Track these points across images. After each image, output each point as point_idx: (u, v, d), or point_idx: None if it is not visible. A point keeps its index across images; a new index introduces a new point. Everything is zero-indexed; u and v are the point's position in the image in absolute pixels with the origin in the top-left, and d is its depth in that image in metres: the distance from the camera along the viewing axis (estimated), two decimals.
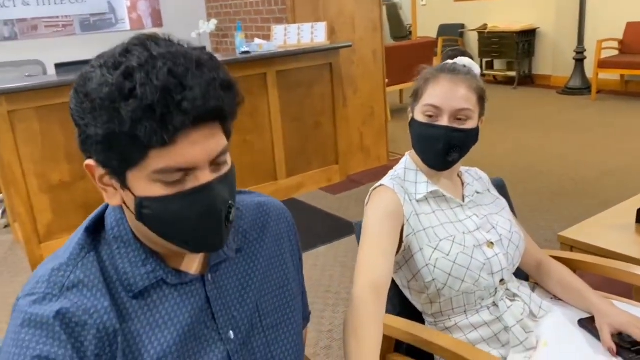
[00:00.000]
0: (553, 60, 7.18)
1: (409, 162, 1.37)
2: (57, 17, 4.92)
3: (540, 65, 7.37)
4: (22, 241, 3.15)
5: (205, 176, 0.73)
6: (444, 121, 1.26)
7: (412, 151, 1.38)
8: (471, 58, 1.35)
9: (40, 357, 0.71)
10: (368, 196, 1.34)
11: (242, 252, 0.91)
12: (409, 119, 1.35)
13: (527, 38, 7.19)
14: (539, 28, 7.23)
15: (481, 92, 1.30)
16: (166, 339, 0.79)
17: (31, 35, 4.81)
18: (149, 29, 5.25)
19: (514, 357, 1.24)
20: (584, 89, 6.53)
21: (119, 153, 0.70)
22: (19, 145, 2.98)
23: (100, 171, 0.75)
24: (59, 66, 3.31)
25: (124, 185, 0.74)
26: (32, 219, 3.08)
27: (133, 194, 0.73)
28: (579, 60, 6.54)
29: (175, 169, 0.71)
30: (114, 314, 0.76)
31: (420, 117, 1.30)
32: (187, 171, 0.72)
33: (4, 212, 3.86)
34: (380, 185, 1.33)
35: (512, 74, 7.35)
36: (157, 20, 5.40)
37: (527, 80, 7.42)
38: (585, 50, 6.47)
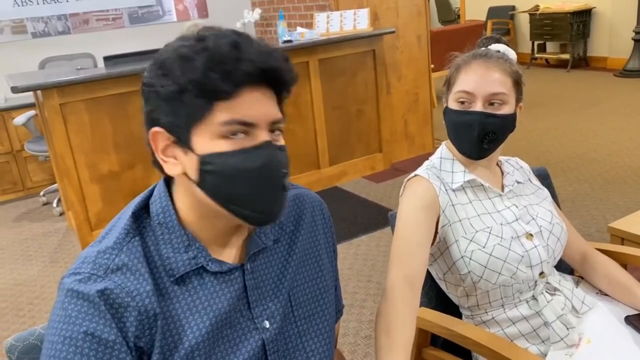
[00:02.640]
0: (610, 41, 6.84)
1: (445, 152, 1.34)
2: (107, 10, 5.05)
3: (596, 47, 7.04)
4: (75, 229, 3.29)
5: (264, 135, 0.78)
6: (477, 107, 1.21)
7: (449, 141, 1.34)
8: (507, 45, 1.30)
9: (86, 333, 0.74)
10: (403, 186, 1.32)
11: (279, 243, 0.92)
12: (443, 108, 1.32)
13: (582, 18, 6.87)
14: (594, 8, 6.90)
15: (517, 76, 1.24)
16: (204, 324, 0.80)
17: (83, 29, 4.96)
18: (195, 20, 5.33)
19: (554, 354, 1.19)
20: None
21: (188, 108, 0.76)
22: (70, 137, 3.09)
23: (164, 141, 0.80)
24: (107, 59, 3.40)
25: (188, 146, 0.78)
26: (84, 207, 3.20)
27: (196, 153, 0.77)
28: (638, 41, 6.21)
29: (238, 122, 0.76)
30: (155, 298, 0.78)
31: (453, 104, 1.26)
32: (249, 127, 0.77)
33: (59, 200, 4.03)
34: (415, 175, 1.31)
35: (566, 56, 7.07)
36: (203, 11, 5.46)
37: (582, 62, 7.11)
38: None
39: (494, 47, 1.28)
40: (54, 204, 4.05)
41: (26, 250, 3.48)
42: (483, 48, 1.28)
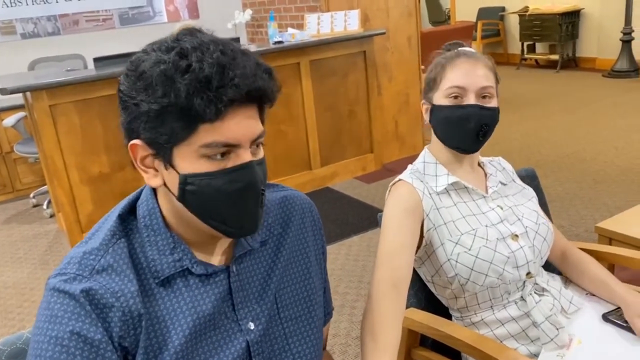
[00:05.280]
0: (598, 42, 6.90)
1: (428, 156, 1.35)
2: (98, 11, 5.02)
3: (585, 48, 7.10)
4: (66, 230, 3.27)
5: (247, 155, 0.77)
6: (470, 100, 1.23)
7: (431, 145, 1.36)
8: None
9: (72, 332, 0.74)
10: (388, 191, 1.33)
11: (266, 245, 0.92)
12: (425, 110, 1.33)
13: (571, 19, 6.93)
14: (583, 9, 6.96)
15: (496, 73, 1.29)
16: (188, 326, 0.81)
17: (73, 30, 4.93)
18: (186, 21, 5.31)
19: (546, 355, 1.20)
20: (632, 71, 6.27)
21: (170, 127, 0.74)
22: (60, 139, 3.07)
23: (143, 152, 0.79)
24: (97, 60, 3.38)
25: (169, 163, 0.77)
26: (74, 209, 3.19)
27: (177, 171, 0.77)
28: (627, 42, 6.27)
29: (222, 144, 0.75)
30: (139, 299, 0.78)
31: (443, 101, 1.27)
32: (232, 148, 0.76)
33: (49, 202, 4.01)
34: (399, 180, 1.32)
35: (555, 57, 7.12)
36: (194, 11, 5.45)
37: (571, 63, 7.17)
38: (633, 31, 6.20)
39: (463, 50, 1.32)
40: (44, 206, 4.02)
41: (16, 253, 3.45)
42: (461, 48, 1.32)
